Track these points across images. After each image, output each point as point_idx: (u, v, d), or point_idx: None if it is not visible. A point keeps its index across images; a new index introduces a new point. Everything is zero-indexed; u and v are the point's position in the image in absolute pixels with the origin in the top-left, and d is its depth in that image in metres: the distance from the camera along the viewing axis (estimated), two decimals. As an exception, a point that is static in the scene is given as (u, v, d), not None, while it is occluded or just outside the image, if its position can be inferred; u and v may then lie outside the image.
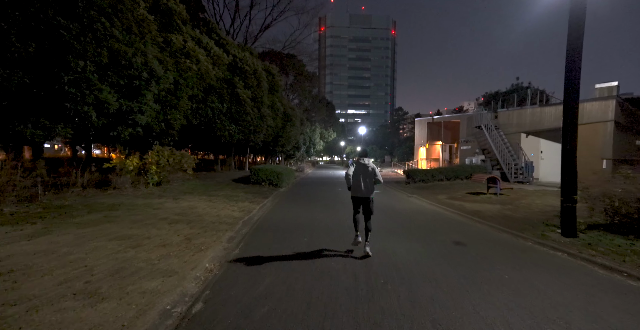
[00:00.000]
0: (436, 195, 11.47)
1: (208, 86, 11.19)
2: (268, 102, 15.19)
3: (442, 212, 8.33)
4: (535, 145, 14.25)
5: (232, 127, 12.56)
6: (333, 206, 8.89)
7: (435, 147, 26.88)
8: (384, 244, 4.98)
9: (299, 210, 8.13)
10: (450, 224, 6.67)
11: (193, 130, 12.31)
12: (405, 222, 6.93)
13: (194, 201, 8.32)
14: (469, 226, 6.50)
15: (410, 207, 9.17)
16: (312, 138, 35.47)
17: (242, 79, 12.75)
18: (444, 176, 15.24)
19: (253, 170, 14.05)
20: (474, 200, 9.80)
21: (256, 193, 11.39)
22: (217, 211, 7.32)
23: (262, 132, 14.80)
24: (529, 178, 13.05)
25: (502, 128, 15.40)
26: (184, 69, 9.57)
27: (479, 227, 6.36)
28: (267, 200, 9.76)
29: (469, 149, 18.69)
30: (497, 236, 5.61)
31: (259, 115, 13.95)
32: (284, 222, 6.63)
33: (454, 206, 8.86)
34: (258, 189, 12.56)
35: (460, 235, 5.65)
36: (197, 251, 4.29)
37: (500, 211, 7.91)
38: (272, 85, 16.53)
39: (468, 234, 5.72)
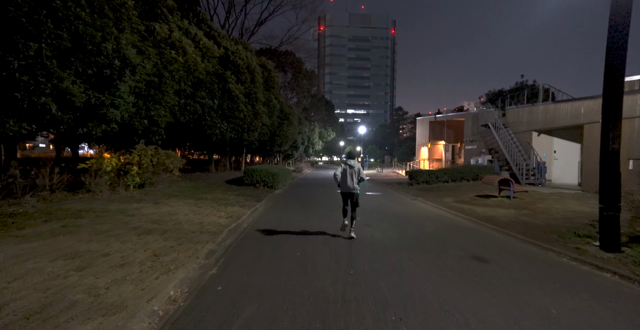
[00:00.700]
0: (442, 198, 10.69)
1: (197, 80, 10.39)
2: (263, 99, 14.40)
3: (451, 217, 7.54)
4: (547, 144, 13.46)
5: (224, 124, 11.76)
6: (331, 211, 8.10)
7: (437, 147, 26.12)
8: (390, 258, 4.19)
9: (293, 216, 7.33)
10: (464, 233, 5.89)
11: (182, 128, 11.51)
12: (412, 229, 6.14)
13: (177, 206, 7.52)
14: (485, 235, 5.71)
15: (415, 211, 8.39)
16: (310, 138, 34.68)
17: (234, 73, 11.95)
18: (449, 177, 14.46)
19: (247, 171, 13.25)
20: (485, 204, 9.02)
21: (249, 196, 10.60)
22: (201, 218, 6.52)
23: (257, 131, 14.01)
24: (541, 179, 12.26)
25: (510, 126, 14.61)
26: (168, 60, 8.77)
27: (497, 237, 5.57)
28: (259, 204, 8.97)
29: (474, 148, 17.92)
30: (522, 248, 4.82)
31: (253, 113, 13.15)
32: (276, 230, 5.84)
33: (464, 211, 8.08)
34: (251, 191, 11.76)
35: (478, 247, 4.86)
36: (163, 272, 3.49)
37: (517, 217, 7.12)
38: (267, 81, 15.74)
39: (487, 246, 4.93)
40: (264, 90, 15.31)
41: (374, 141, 77.19)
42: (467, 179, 14.53)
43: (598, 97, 10.63)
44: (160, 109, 9.11)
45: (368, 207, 8.89)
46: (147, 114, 8.62)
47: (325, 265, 3.90)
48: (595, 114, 10.62)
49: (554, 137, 13.20)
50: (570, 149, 13.03)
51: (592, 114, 10.71)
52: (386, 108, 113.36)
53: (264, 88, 15.34)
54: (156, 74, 8.66)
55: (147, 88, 8.50)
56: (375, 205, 9.33)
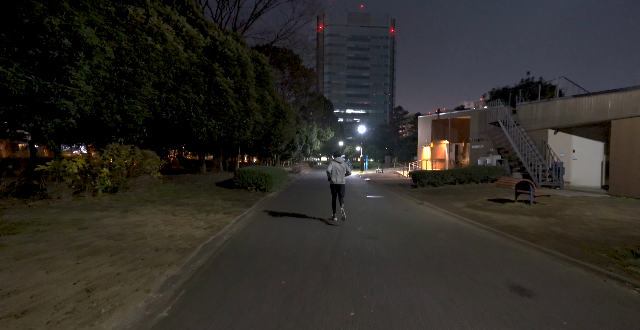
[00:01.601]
0: (451, 202, 9.68)
1: (179, 72, 9.36)
2: (256, 95, 13.37)
3: (467, 226, 6.52)
4: (565, 143, 12.43)
5: (212, 122, 10.71)
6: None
7: (440, 147, 25.11)
8: (402, 289, 3.16)
9: (285, 225, 6.30)
10: (488, 248, 4.86)
11: (165, 125, 10.47)
12: (424, 243, 5.11)
13: (149, 214, 6.47)
14: (515, 252, 4.68)
15: (424, 218, 7.36)
16: (308, 137, 33.64)
17: (222, 65, 10.90)
18: (455, 179, 13.44)
19: (237, 173, 12.22)
20: (502, 210, 8.00)
21: (238, 200, 9.57)
22: (173, 229, 5.49)
23: (249, 129, 12.96)
24: (559, 182, 11.24)
25: (522, 124, 13.58)
26: (144, 47, 7.72)
27: (531, 255, 4.54)
28: (248, 210, 7.94)
29: (481, 148, 16.91)
30: (570, 274, 3.79)
31: (244, 109, 12.11)
32: (262, 245, 4.82)
33: (480, 218, 7.06)
34: (241, 195, 10.73)
35: (512, 270, 3.84)
36: (88, 320, 2.46)
37: (546, 227, 6.10)
38: (261, 76, 14.70)
39: (522, 268, 3.91)
40: (257, 85, 14.27)
41: (374, 141, 76.35)
42: (475, 180, 13.52)
43: (630, 89, 9.59)
44: (136, 103, 8.06)
45: (370, 214, 7.87)
46: (119, 108, 7.57)
47: (318, 302, 2.87)
48: (626, 108, 9.58)
49: (572, 135, 12.15)
50: (592, 148, 12.00)
51: (622, 108, 9.67)
52: (386, 108, 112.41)
53: (257, 83, 14.30)
54: (129, 63, 7.61)
55: (119, 79, 7.45)
56: (378, 211, 8.32)
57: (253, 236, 5.49)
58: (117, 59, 7.35)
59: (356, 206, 9.21)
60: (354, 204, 9.57)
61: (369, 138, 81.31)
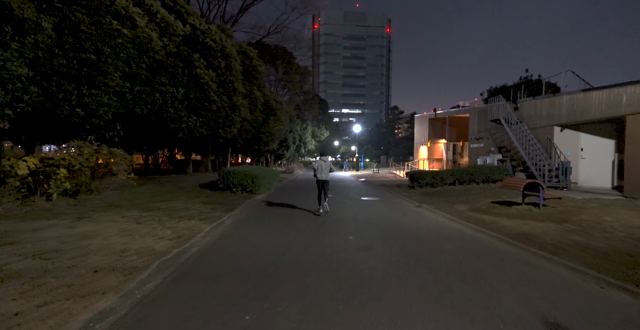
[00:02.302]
0: (453, 205, 8.90)
1: (154, 62, 8.46)
2: (243, 90, 12.49)
3: (474, 234, 5.72)
4: (572, 141, 11.69)
5: (192, 118, 9.81)
6: (321, 226, 6.23)
7: (437, 146, 24.42)
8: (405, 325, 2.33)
9: (267, 234, 5.45)
10: (504, 264, 4.05)
11: (140, 122, 9.54)
12: (424, 255, 4.29)
13: (107, 222, 5.57)
14: (538, 269, 3.87)
15: (424, 224, 6.55)
16: (302, 137, 32.77)
17: (204, 57, 9.99)
18: (455, 179, 12.69)
19: (222, 174, 11.33)
20: (510, 214, 7.22)
21: (219, 203, 8.69)
22: (130, 241, 4.60)
23: (235, 126, 12.08)
24: (566, 182, 10.50)
25: (526, 121, 12.84)
26: (108, 32, 6.81)
27: (558, 274, 3.72)
28: (228, 216, 7.07)
29: (481, 147, 16.19)
30: (611, 300, 2.99)
31: (229, 105, 11.21)
32: (235, 260, 3.97)
33: (487, 224, 6.27)
34: (225, 197, 9.85)
35: (541, 296, 3.02)
36: None
37: (564, 235, 5.32)
38: (249, 71, 13.81)
39: (553, 295, 3.09)
40: (245, 80, 13.39)
41: (370, 141, 75.80)
42: (476, 181, 12.77)
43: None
44: (102, 95, 7.14)
45: (364, 219, 7.06)
46: (80, 100, 6.66)
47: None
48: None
49: (580, 132, 11.43)
50: (602, 146, 11.24)
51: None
52: (382, 108, 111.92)
53: (244, 78, 13.42)
54: (91, 49, 6.70)
55: (80, 67, 6.54)
56: (373, 216, 7.50)
57: (227, 248, 4.64)
58: (75, 43, 6.44)
59: (349, 210, 8.39)
60: (347, 207, 8.75)
61: (365, 138, 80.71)
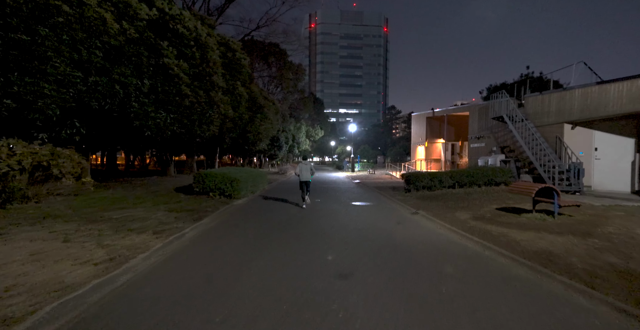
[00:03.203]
0: (453, 211, 7.87)
1: (113, 50, 7.36)
2: (224, 85, 11.39)
3: (480, 251, 4.68)
4: (585, 140, 10.66)
5: (161, 114, 8.70)
6: (299, 238, 5.16)
7: (435, 146, 23.45)
8: None
9: (231, 252, 4.37)
10: (528, 301, 2.95)
11: (101, 118, 8.42)
12: (421, 286, 3.21)
13: (21, 241, 4.46)
14: (577, 311, 2.79)
15: (420, 237, 5.49)
16: (296, 136, 31.67)
17: (174, 45, 8.89)
18: (455, 182, 11.67)
19: (197, 177, 10.23)
20: (520, 224, 6.19)
21: (189, 211, 7.60)
22: (33, 270, 3.49)
23: (214, 124, 11.00)
24: (579, 186, 9.50)
25: (531, 118, 11.83)
26: (43, 9, 5.71)
27: (607, 320, 2.68)
28: (192, 227, 5.98)
29: (482, 146, 15.21)
30: None
31: (206, 100, 10.11)
32: (169, 299, 2.87)
33: (495, 237, 5.24)
34: (198, 203, 8.75)
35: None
36: None
37: (593, 254, 4.29)
38: (232, 64, 12.71)
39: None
40: (227, 74, 12.30)
41: (367, 141, 74.90)
42: (477, 184, 11.76)
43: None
44: (43, 85, 6.03)
45: (352, 230, 6.00)
46: (8, 89, 5.55)
47: None
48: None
49: (594, 130, 10.42)
50: (619, 145, 10.15)
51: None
52: (379, 107, 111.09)
53: (226, 72, 12.32)
54: (22, 29, 5.60)
55: (6, 49, 5.44)
56: (363, 225, 6.45)
57: (168, 277, 3.56)
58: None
59: (337, 218, 7.33)
60: (334, 215, 7.69)
61: (362, 138, 79.84)
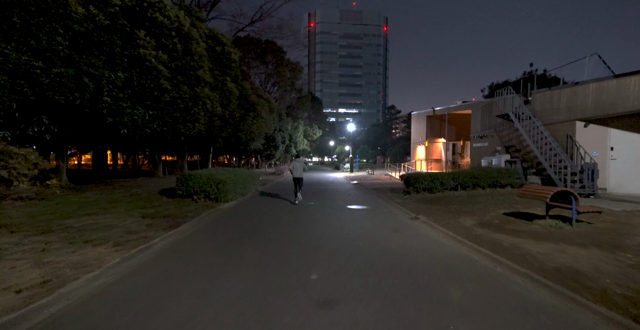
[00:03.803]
0: (457, 217, 7.15)
1: (80, 37, 6.64)
2: (211, 80, 10.67)
3: (490, 268, 3.94)
4: (600, 138, 9.90)
5: (138, 110, 7.97)
6: (279, 252, 4.40)
7: (436, 146, 22.72)
8: None
9: (201, 270, 3.63)
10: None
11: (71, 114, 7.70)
12: (422, 320, 2.53)
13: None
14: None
15: (420, 249, 4.74)
16: (293, 136, 30.93)
17: (153, 36, 8.16)
18: (458, 184, 10.94)
19: (181, 178, 9.50)
20: (533, 232, 5.46)
21: (165, 217, 6.87)
22: None
23: (200, 122, 10.28)
24: (593, 188, 8.76)
25: (539, 116, 11.10)
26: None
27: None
28: (165, 236, 5.23)
29: (485, 146, 14.49)
30: None
31: (190, 96, 9.39)
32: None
33: (506, 249, 4.50)
34: (179, 208, 8.02)
35: None
36: None
37: (631, 275, 3.53)
38: (220, 58, 11.97)
39: None
40: (216, 69, 11.57)
41: (366, 141, 74.25)
42: (481, 186, 11.02)
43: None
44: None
45: (343, 239, 5.27)
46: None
47: None
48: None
49: (610, 128, 9.70)
50: (638, 144, 9.56)
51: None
52: (379, 107, 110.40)
53: (215, 67, 11.60)
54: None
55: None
56: (356, 234, 5.71)
57: (110, 307, 2.83)
58: None
59: (329, 224, 6.60)
60: (327, 220, 6.95)
61: (362, 138, 79.19)
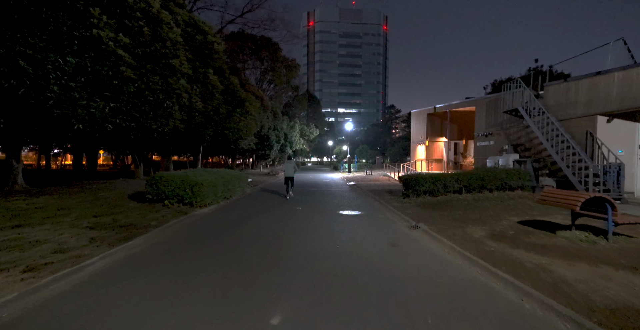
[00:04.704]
0: (463, 226, 6.07)
1: (13, 11, 5.58)
2: (188, 71, 9.54)
3: (516, 302, 2.83)
4: (626, 135, 8.73)
5: (96, 102, 6.89)
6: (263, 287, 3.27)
7: (437, 145, 21.63)
8: None
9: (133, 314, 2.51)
10: None
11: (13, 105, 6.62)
12: None
13: None
14: None
15: (422, 271, 3.63)
16: (288, 135, 29.84)
17: (111, 16, 7.05)
18: (462, 186, 9.86)
19: (151, 181, 8.42)
20: (561, 249, 4.38)
21: (121, 227, 5.78)
22: None
23: (175, 118, 9.22)
24: (619, 192, 7.67)
25: (552, 111, 10.04)
26: None
27: None
28: (104, 255, 4.14)
29: (491, 145, 13.41)
30: None
31: (162, 88, 8.33)
32: None
33: (531, 273, 3.41)
34: (144, 215, 6.94)
35: None
36: None
37: None
38: (201, 48, 10.87)
39: None
40: (195, 60, 10.49)
41: (366, 141, 73.17)
42: (488, 188, 9.93)
43: None
44: None
45: (329, 254, 4.18)
46: None
47: None
48: None
49: (638, 123, 8.65)
50: None
51: None
52: (378, 107, 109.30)
53: (193, 57, 10.51)
54: None
55: None
56: (345, 249, 4.60)
57: None
58: None
59: (314, 235, 5.50)
60: (313, 230, 5.84)
61: (361, 138, 78.14)
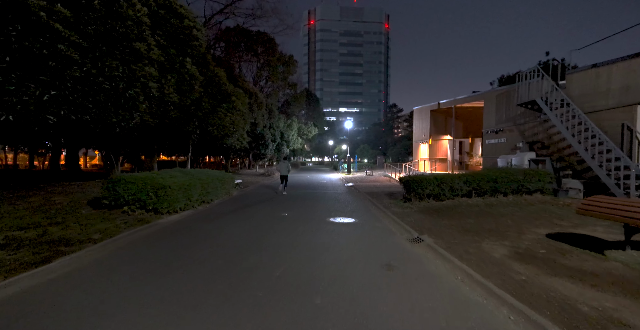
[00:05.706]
0: (478, 240, 4.82)
1: None
2: (159, 58, 8.35)
3: None
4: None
5: (31, 89, 5.67)
6: None
7: (441, 143, 20.33)
8: None
9: None
10: None
11: None
12: None
13: None
14: None
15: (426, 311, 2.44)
16: (285, 134, 28.64)
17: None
18: (471, 189, 8.61)
19: (108, 184, 7.22)
20: (620, 279, 3.10)
21: (49, 243, 4.60)
22: None
23: (141, 110, 8.03)
24: (668, 197, 6.53)
25: (577, 102, 8.77)
26: None
27: None
28: None
29: (502, 143, 12.12)
30: None
31: (123, 75, 7.14)
32: None
33: (595, 325, 2.20)
34: (90, 225, 5.75)
35: None
36: None
37: None
38: (177, 33, 9.66)
39: None
40: (168, 46, 9.28)
41: (367, 140, 71.95)
42: (502, 191, 8.67)
43: None
44: None
45: (302, 283, 2.95)
46: None
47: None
48: None
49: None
50: None
51: None
52: (380, 106, 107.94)
53: (170, 44, 9.32)
54: None
55: None
56: (327, 275, 3.34)
57: None
58: None
59: (292, 254, 4.26)
60: (295, 247, 4.58)
61: (362, 137, 76.95)
